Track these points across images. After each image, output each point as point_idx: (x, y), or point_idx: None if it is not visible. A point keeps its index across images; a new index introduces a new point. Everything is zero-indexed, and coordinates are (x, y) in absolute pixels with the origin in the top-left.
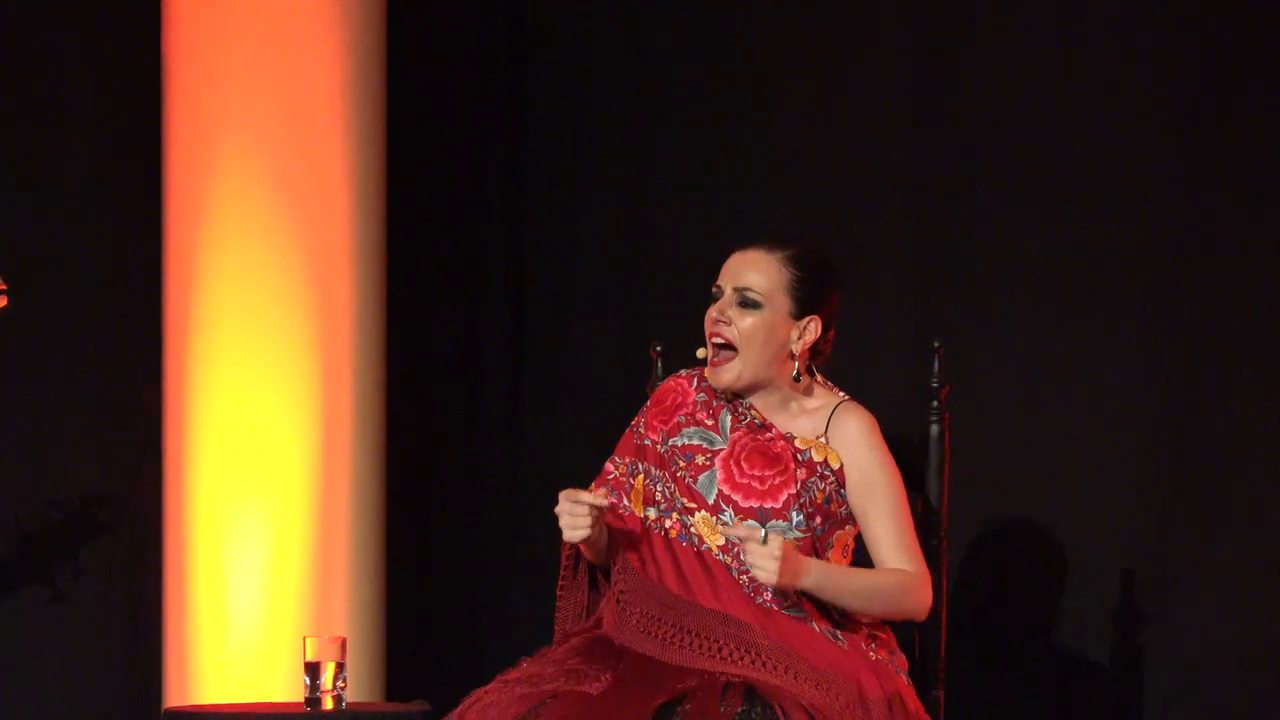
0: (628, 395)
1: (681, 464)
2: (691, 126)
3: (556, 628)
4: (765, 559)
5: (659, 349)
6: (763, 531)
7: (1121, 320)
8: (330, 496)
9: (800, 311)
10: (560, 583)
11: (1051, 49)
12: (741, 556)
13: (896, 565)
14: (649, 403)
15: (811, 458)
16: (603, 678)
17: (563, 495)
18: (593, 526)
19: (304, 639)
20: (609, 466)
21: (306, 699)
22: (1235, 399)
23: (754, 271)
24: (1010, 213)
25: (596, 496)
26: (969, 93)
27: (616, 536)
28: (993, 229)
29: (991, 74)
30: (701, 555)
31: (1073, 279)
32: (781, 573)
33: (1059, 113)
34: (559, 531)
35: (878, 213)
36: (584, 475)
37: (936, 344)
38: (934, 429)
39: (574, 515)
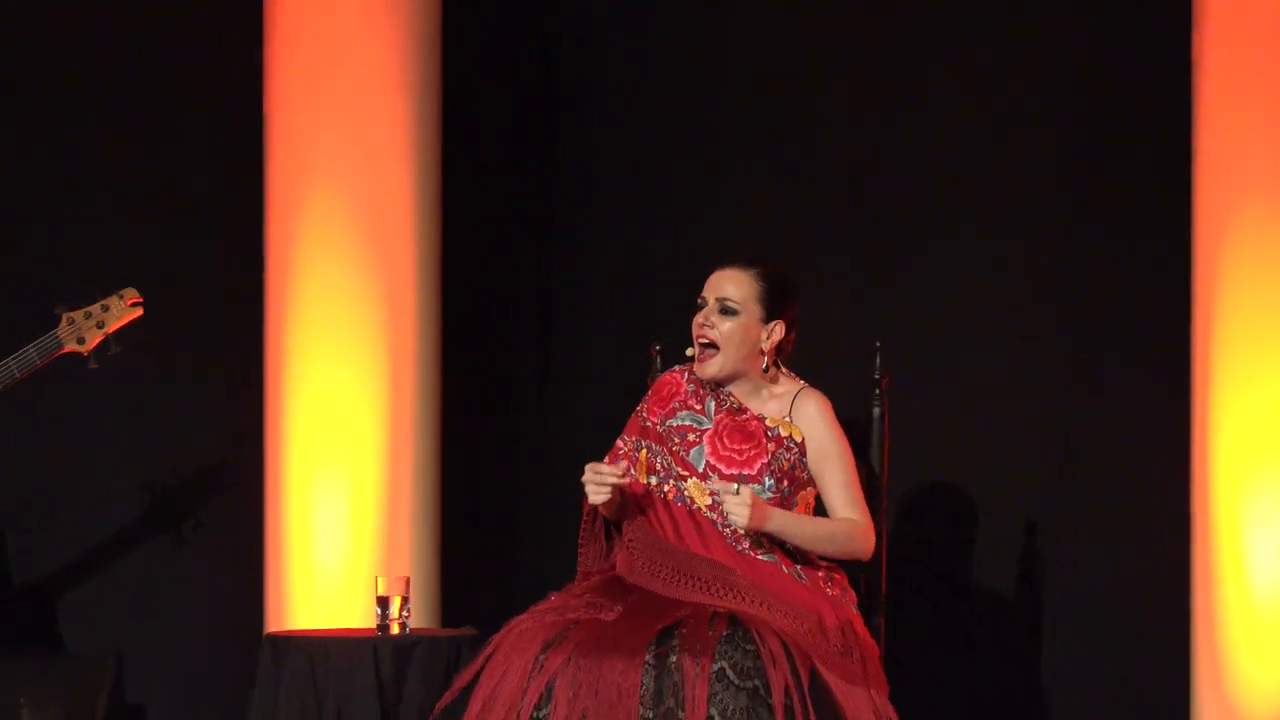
0: (633, 384)
1: (676, 441)
2: (686, 174)
3: (579, 569)
4: (738, 506)
5: (658, 348)
6: (736, 485)
7: (1023, 321)
8: (396, 463)
9: (768, 317)
10: (581, 534)
11: (971, 109)
12: (724, 507)
13: (847, 516)
14: (650, 392)
15: (779, 434)
16: (615, 608)
17: (588, 468)
18: (612, 493)
19: (376, 578)
20: (619, 443)
21: (378, 625)
22: (1109, 384)
23: (731, 285)
24: (936, 238)
25: (615, 470)
26: (902, 146)
27: (626, 498)
28: (923, 250)
29: (922, 130)
30: (693, 514)
31: (986, 288)
32: (751, 517)
33: (973, 159)
34: (583, 494)
35: (832, 241)
36: (599, 446)
37: (878, 343)
38: (876, 411)
39: (597, 484)
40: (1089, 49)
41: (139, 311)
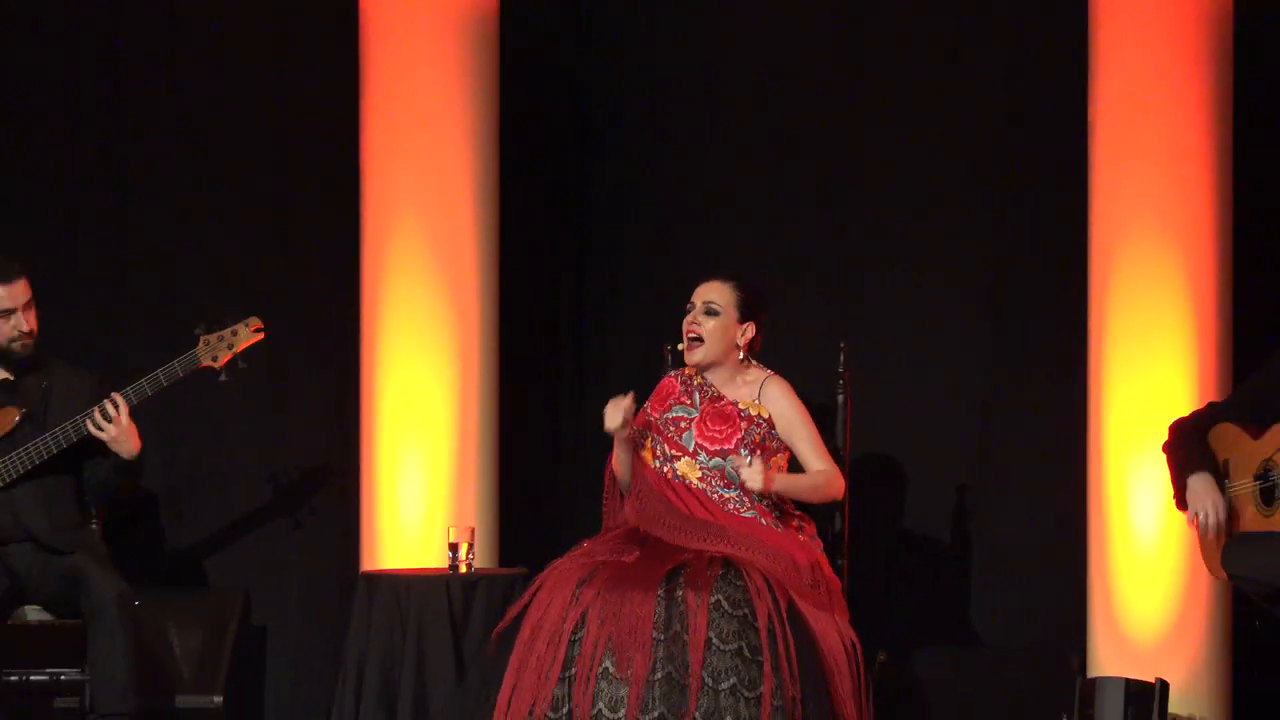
0: (650, 373)
1: (671, 429)
2: (689, 213)
3: (603, 523)
4: (754, 475)
5: (669, 348)
6: (748, 459)
7: (956, 323)
8: (464, 439)
9: (742, 319)
10: (604, 498)
11: (910, 143)
12: (741, 477)
13: (820, 468)
14: (653, 394)
15: (750, 414)
16: (634, 553)
17: (610, 401)
18: (624, 423)
19: (448, 528)
20: (629, 430)
21: (449, 566)
22: (1023, 373)
23: (714, 292)
24: (888, 257)
25: (628, 400)
26: (858, 181)
27: (637, 467)
28: (875, 267)
29: (874, 166)
30: (688, 486)
31: (926, 297)
32: (765, 481)
33: (917, 191)
34: (606, 464)
35: (806, 261)
36: None
37: (842, 343)
38: (840, 398)
39: (614, 409)
40: (1008, 97)
41: (261, 336)
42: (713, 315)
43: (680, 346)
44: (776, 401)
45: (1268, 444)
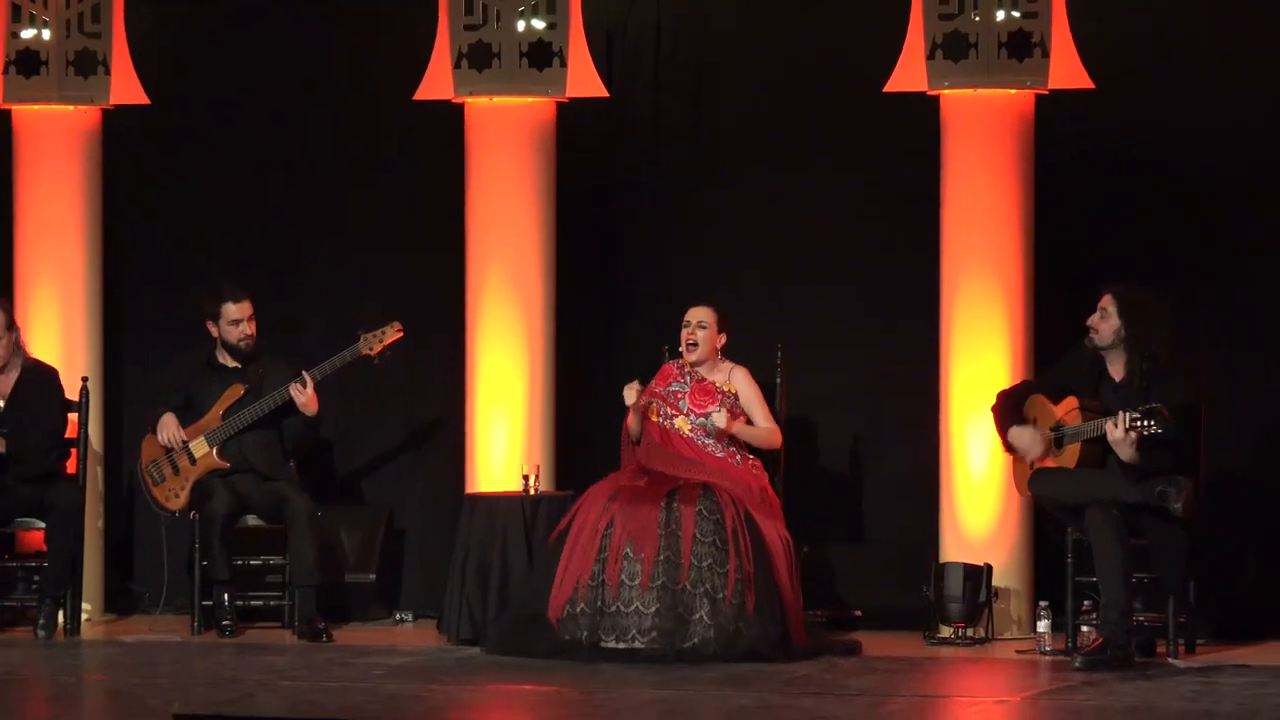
0: (652, 363)
1: (671, 399)
2: (679, 259)
3: (621, 463)
4: (722, 417)
5: (666, 349)
6: (722, 410)
7: (859, 324)
8: (532, 407)
9: (719, 330)
10: (621, 447)
11: (827, 187)
12: (714, 421)
13: (766, 426)
14: (656, 376)
15: (723, 389)
16: (644, 480)
17: (626, 386)
18: (636, 398)
19: (522, 465)
20: (642, 400)
21: (523, 490)
22: (900, 356)
23: (703, 314)
24: (814, 278)
25: (636, 385)
26: (787, 227)
27: (644, 425)
28: (800, 289)
29: (797, 217)
30: (681, 436)
31: (836, 309)
32: (727, 424)
33: (831, 242)
34: (623, 424)
35: (749, 286)
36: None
37: (779, 347)
38: (778, 380)
39: (628, 390)
40: (897, 183)
41: (401, 334)
42: (702, 329)
43: (681, 349)
44: (740, 383)
45: (1060, 409)
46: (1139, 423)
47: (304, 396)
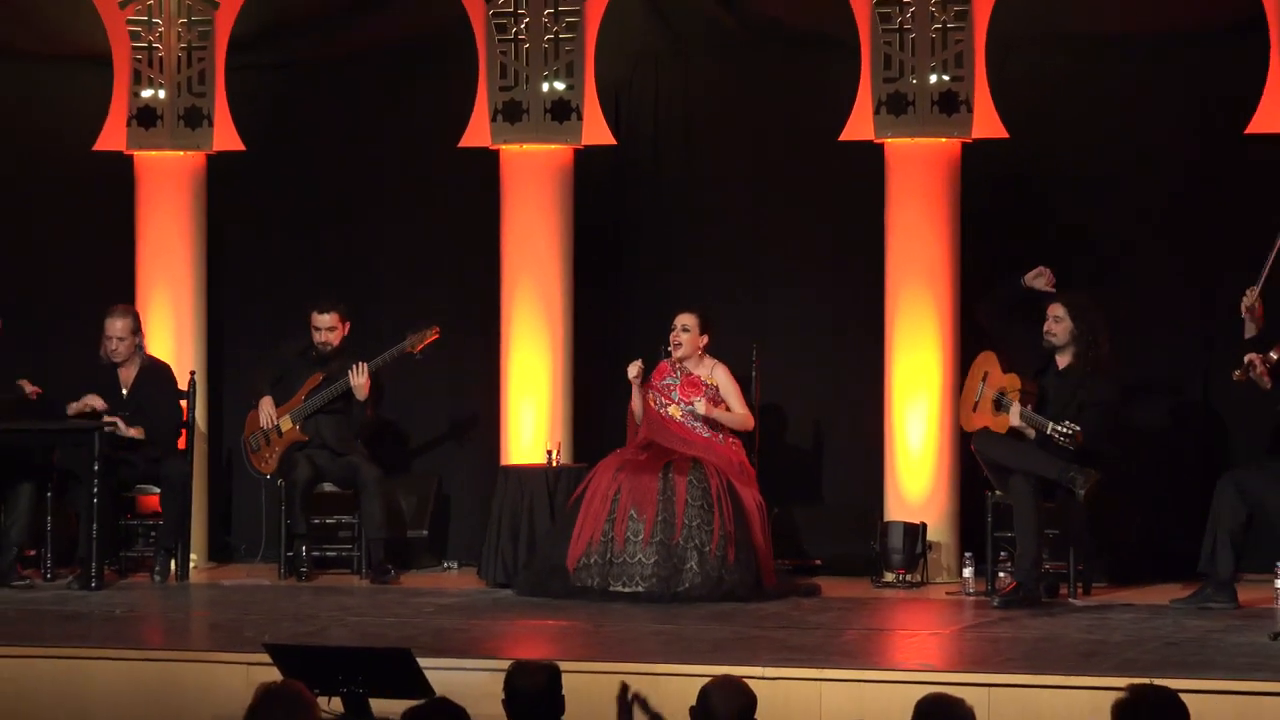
0: (650, 359)
1: (665, 390)
2: (674, 280)
3: (627, 440)
4: (703, 403)
5: (663, 348)
6: (702, 400)
7: (823, 325)
8: (554, 394)
9: (702, 332)
10: (627, 427)
11: (796, 213)
12: (696, 407)
13: (741, 412)
14: (654, 372)
15: (706, 382)
16: (645, 454)
17: (630, 364)
18: (638, 372)
19: (545, 442)
20: (639, 379)
21: (547, 464)
22: (854, 351)
23: (687, 318)
24: (782, 285)
25: (639, 364)
26: (761, 245)
27: (645, 409)
28: (773, 295)
29: (772, 233)
30: (674, 420)
31: (802, 312)
32: (707, 409)
33: (799, 255)
34: (628, 406)
35: (729, 291)
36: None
37: (755, 345)
38: (753, 373)
39: (632, 366)
40: (850, 223)
41: (438, 335)
42: (686, 331)
43: (668, 349)
44: (720, 378)
45: (1005, 380)
46: (1058, 436)
47: (359, 379)
